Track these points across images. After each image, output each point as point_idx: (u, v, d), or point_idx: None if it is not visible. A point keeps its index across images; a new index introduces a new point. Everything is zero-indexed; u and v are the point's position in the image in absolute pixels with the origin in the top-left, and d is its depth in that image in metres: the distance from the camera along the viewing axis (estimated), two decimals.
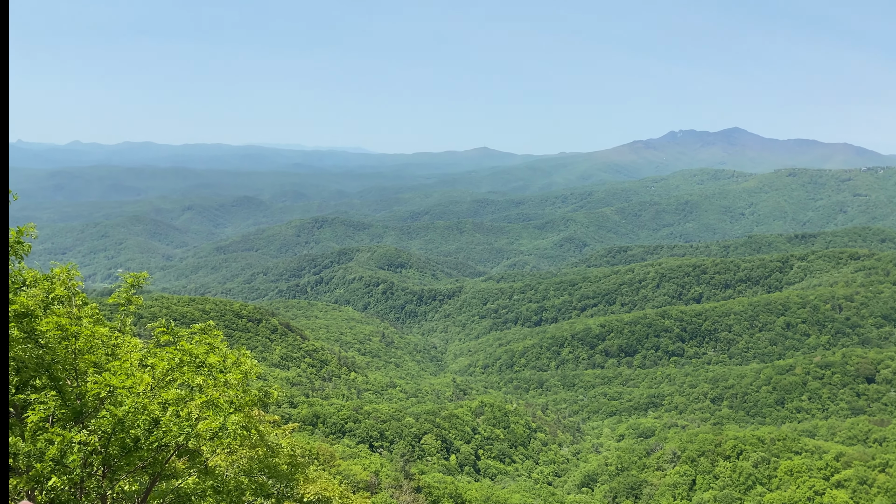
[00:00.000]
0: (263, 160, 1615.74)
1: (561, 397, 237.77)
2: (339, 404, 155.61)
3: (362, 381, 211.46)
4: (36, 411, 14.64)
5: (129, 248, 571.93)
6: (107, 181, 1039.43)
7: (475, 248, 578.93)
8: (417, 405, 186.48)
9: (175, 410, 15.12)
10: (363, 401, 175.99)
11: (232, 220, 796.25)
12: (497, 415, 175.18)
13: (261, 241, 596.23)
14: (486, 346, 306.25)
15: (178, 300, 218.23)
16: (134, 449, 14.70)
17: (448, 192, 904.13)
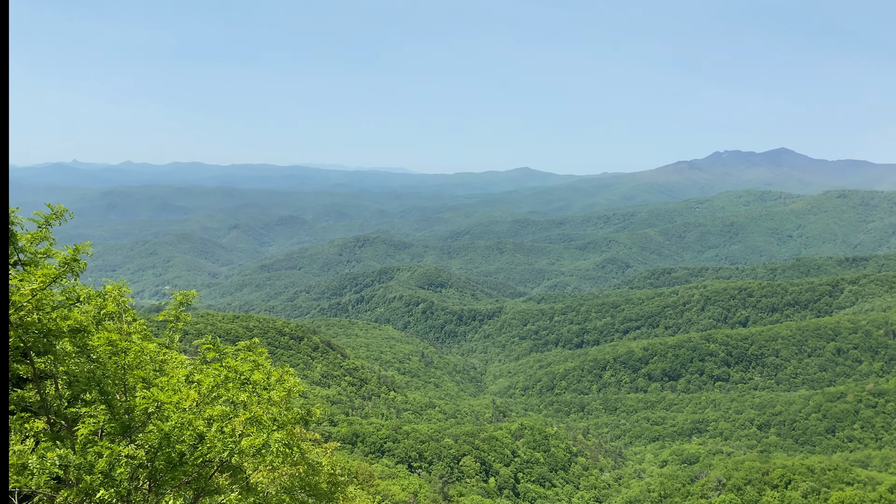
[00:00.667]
0: (307, 180, 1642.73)
1: (602, 421, 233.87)
2: (378, 423, 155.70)
3: (402, 401, 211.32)
4: (86, 424, 15.00)
5: (177, 265, 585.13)
6: (157, 200, 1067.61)
7: (515, 268, 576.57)
8: (456, 426, 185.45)
9: (220, 426, 15.33)
10: (402, 420, 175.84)
11: (276, 238, 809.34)
12: (537, 438, 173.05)
13: (304, 259, 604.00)
14: (527, 367, 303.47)
15: (222, 317, 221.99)
16: (179, 464, 14.93)
17: (488, 212, 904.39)
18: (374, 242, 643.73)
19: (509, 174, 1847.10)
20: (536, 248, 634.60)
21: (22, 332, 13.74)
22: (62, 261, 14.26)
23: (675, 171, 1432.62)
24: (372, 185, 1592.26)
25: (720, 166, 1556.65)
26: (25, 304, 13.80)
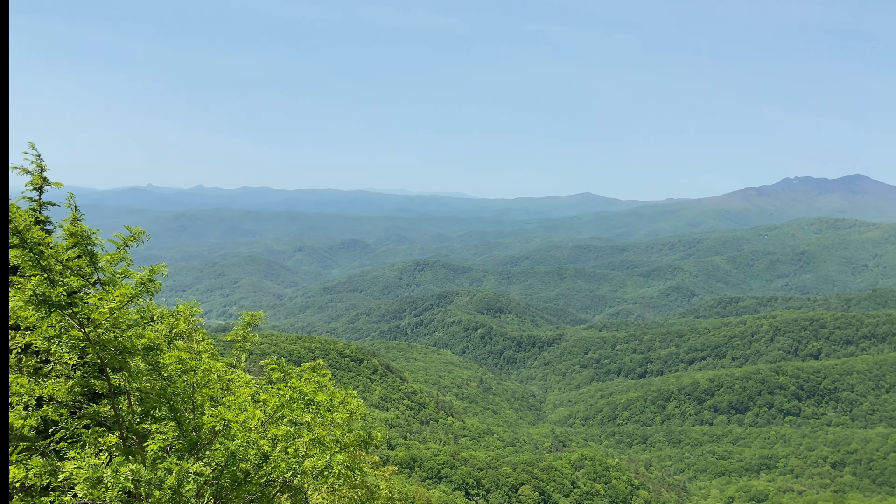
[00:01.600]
0: (370, 205, 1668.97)
1: (666, 454, 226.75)
2: (436, 449, 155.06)
3: (459, 427, 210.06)
4: (156, 440, 15.42)
5: (244, 286, 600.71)
6: (226, 223, 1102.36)
7: (576, 294, 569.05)
8: (515, 454, 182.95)
9: (284, 447, 15.52)
10: (460, 447, 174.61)
11: (339, 261, 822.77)
12: (598, 469, 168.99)
13: (365, 282, 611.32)
14: (587, 396, 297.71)
15: (286, 338, 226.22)
16: (244, 482, 15.16)
17: (549, 238, 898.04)
18: (433, 266, 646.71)
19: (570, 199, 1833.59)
20: (598, 275, 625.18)
21: (99, 349, 14.27)
22: (139, 281, 14.81)
23: (743, 197, 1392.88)
24: (432, 209, 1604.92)
25: (790, 193, 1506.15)
26: (104, 322, 14.34)
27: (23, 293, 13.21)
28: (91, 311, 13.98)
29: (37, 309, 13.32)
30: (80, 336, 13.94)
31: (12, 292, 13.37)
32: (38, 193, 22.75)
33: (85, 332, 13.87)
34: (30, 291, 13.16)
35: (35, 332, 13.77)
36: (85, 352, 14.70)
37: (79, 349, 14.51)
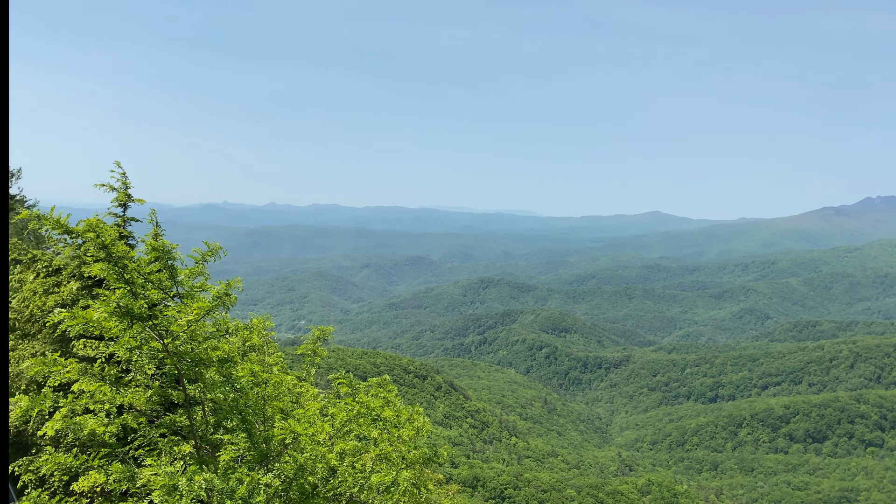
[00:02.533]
0: (435, 222, 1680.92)
1: (738, 482, 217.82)
2: (499, 468, 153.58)
3: (523, 447, 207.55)
4: (228, 451, 15.77)
5: (312, 301, 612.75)
6: (297, 239, 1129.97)
7: (644, 315, 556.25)
8: (580, 477, 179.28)
9: (351, 461, 15.64)
10: (523, 467, 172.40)
11: (404, 278, 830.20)
12: (665, 495, 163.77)
13: (429, 299, 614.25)
14: (655, 420, 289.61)
15: (352, 352, 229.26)
16: (311, 495, 15.32)
17: (616, 257, 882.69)
18: (498, 284, 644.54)
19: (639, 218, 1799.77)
20: (667, 296, 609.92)
21: (177, 360, 14.73)
22: (216, 295, 15.25)
23: (821, 217, 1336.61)
24: (497, 227, 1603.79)
25: (872, 213, 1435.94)
26: (181, 334, 14.81)
27: (107, 305, 13.78)
28: (170, 324, 14.46)
29: (120, 320, 13.86)
30: (160, 347, 14.43)
31: (98, 304, 13.96)
32: (122, 210, 23.84)
33: (164, 344, 14.36)
34: (114, 303, 13.72)
35: (118, 343, 14.32)
36: (163, 363, 15.20)
37: (157, 360, 15.01)
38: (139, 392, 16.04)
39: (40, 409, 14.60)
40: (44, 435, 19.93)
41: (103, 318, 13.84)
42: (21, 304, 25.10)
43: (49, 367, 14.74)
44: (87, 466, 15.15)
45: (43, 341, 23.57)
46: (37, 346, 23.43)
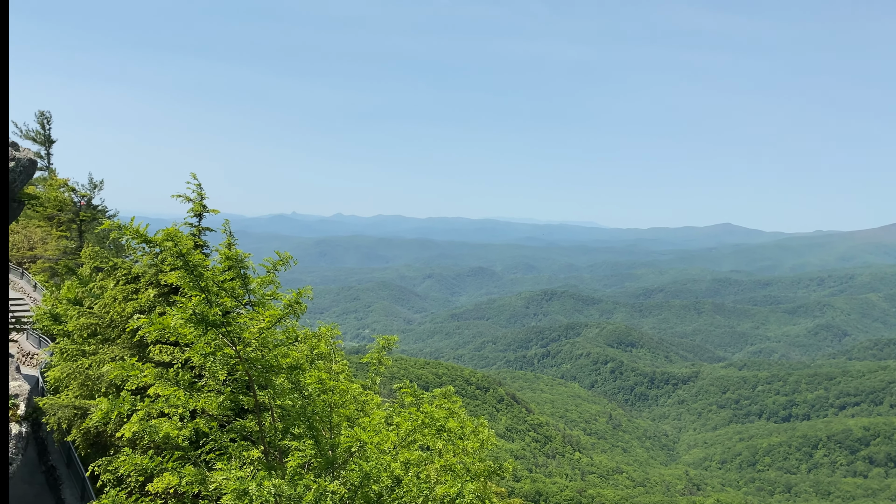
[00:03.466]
0: (498, 233, 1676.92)
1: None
2: (562, 484, 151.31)
3: (587, 463, 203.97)
4: (295, 457, 16.02)
5: (376, 311, 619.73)
6: (362, 249, 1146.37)
7: (714, 330, 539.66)
8: (645, 495, 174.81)
9: (416, 472, 15.64)
10: (587, 483, 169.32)
11: (466, 288, 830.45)
12: None
13: (491, 310, 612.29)
14: (725, 438, 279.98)
15: (414, 362, 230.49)
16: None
17: (685, 270, 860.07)
18: (561, 296, 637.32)
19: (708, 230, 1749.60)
20: (738, 310, 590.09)
21: (248, 367, 15.06)
22: (286, 303, 15.54)
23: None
24: (561, 238, 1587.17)
25: None
26: (253, 342, 15.14)
27: (184, 312, 14.21)
28: (242, 331, 14.81)
29: (195, 327, 14.27)
30: (232, 353, 14.78)
31: (175, 311, 14.42)
32: (197, 220, 24.65)
33: (236, 350, 14.70)
34: (190, 311, 14.14)
35: (193, 349, 14.73)
36: (235, 369, 15.57)
37: (229, 366, 15.38)
38: (211, 397, 16.45)
39: (119, 411, 15.15)
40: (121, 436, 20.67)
41: (179, 325, 14.28)
42: (102, 310, 26.22)
43: (128, 371, 15.29)
44: (161, 468, 15.61)
45: (122, 346, 24.54)
46: (116, 350, 24.40)
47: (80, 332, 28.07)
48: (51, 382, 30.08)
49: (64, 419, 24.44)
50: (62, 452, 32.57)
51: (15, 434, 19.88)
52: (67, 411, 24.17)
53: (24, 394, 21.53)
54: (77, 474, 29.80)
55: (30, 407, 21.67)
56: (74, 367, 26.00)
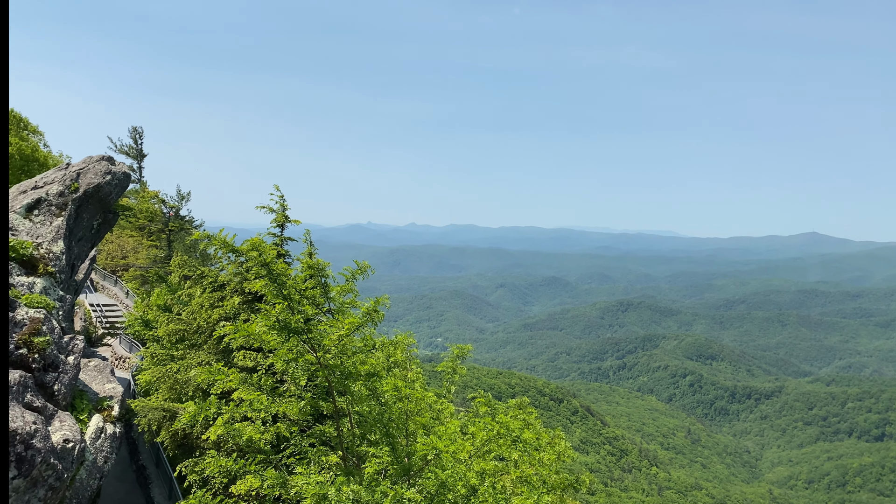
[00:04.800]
0: (572, 242, 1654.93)
1: None
2: (638, 499, 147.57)
3: (664, 478, 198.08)
4: (372, 464, 16.24)
5: (448, 319, 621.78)
6: (434, 258, 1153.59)
7: (799, 344, 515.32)
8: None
9: (492, 482, 15.59)
10: (664, 499, 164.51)
11: (539, 298, 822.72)
12: None
13: (565, 321, 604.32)
14: (811, 457, 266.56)
15: (487, 372, 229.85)
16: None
17: (768, 281, 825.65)
18: (638, 307, 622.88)
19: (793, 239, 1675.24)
20: (826, 323, 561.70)
21: (328, 373, 15.40)
22: (365, 311, 15.83)
23: None
24: (638, 248, 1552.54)
25: None
26: (332, 348, 15.48)
27: (268, 319, 14.68)
28: (322, 338, 15.16)
29: (278, 333, 14.72)
30: (313, 360, 15.15)
31: (259, 318, 14.92)
32: (280, 230, 25.41)
33: (317, 357, 15.05)
34: (274, 318, 14.60)
35: (275, 355, 15.18)
36: (315, 375, 15.95)
37: (310, 372, 15.77)
38: (292, 402, 16.90)
39: (206, 414, 15.75)
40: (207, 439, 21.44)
41: (263, 331, 14.75)
42: (189, 317, 27.35)
43: (214, 376, 15.89)
44: (244, 471, 16.12)
45: (208, 351, 25.51)
46: (202, 355, 25.38)
47: (169, 338, 29.36)
48: (141, 385, 31.55)
49: (154, 421, 25.59)
50: (152, 453, 34.08)
51: (109, 434, 20.93)
52: (157, 413, 25.30)
53: (117, 396, 22.65)
54: (165, 474, 31.10)
55: (123, 409, 22.78)
56: (164, 371, 27.20)
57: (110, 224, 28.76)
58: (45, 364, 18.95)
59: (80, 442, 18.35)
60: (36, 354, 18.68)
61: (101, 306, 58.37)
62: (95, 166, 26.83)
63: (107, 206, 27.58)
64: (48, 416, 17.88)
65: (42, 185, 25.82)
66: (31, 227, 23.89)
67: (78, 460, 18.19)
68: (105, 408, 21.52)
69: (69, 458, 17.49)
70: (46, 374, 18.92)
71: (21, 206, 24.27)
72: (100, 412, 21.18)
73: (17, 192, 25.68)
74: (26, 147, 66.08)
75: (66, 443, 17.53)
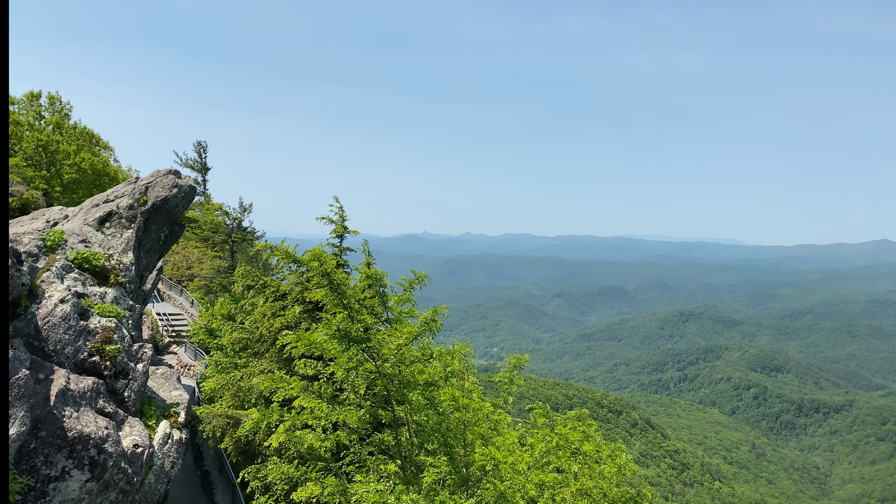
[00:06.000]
0: (630, 251, 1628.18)
1: None
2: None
3: (728, 493, 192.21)
4: (430, 473, 16.25)
5: (504, 329, 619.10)
6: (490, 268, 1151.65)
7: (871, 356, 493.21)
8: None
9: (551, 494, 15.39)
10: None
11: (597, 308, 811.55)
12: None
13: (623, 331, 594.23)
14: (886, 474, 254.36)
15: (543, 382, 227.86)
16: None
17: (836, 290, 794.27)
18: (699, 317, 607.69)
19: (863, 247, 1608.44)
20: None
21: (387, 382, 15.52)
22: (423, 321, 15.90)
23: None
24: (699, 256, 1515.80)
25: None
26: (391, 357, 15.59)
27: (328, 328, 14.90)
28: (381, 347, 15.30)
29: (339, 342, 14.92)
30: (372, 369, 15.29)
31: (321, 326, 15.16)
32: (339, 240, 25.82)
33: (376, 366, 15.19)
34: (335, 327, 14.80)
35: (336, 363, 15.39)
36: (374, 384, 16.09)
37: (369, 381, 15.91)
38: (352, 410, 17.07)
39: (268, 421, 16.05)
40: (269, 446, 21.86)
41: (324, 340, 14.98)
42: (252, 326, 27.99)
43: (276, 384, 16.20)
44: (305, 478, 16.35)
45: (270, 359, 26.04)
46: (265, 363, 25.92)
47: (232, 346, 30.10)
48: (206, 392, 32.41)
49: (218, 427, 26.23)
50: (215, 459, 34.94)
51: (176, 440, 21.55)
52: (221, 420, 25.92)
53: (183, 403, 23.33)
54: (228, 480, 31.83)
55: (188, 415, 23.44)
56: (227, 378, 27.88)
57: (176, 236, 29.71)
58: (115, 371, 19.66)
59: (149, 447, 18.95)
60: (107, 362, 19.41)
61: (168, 315, 60.28)
62: (163, 180, 27.80)
63: (173, 218, 28.52)
64: (119, 421, 18.53)
65: (113, 199, 26.89)
66: (103, 239, 24.88)
67: (147, 465, 18.79)
68: (172, 414, 22.18)
69: (139, 462, 18.08)
70: (117, 380, 19.62)
71: (94, 219, 25.31)
72: (167, 418, 21.85)
73: (90, 206, 26.82)
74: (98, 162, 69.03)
75: (136, 448, 18.13)
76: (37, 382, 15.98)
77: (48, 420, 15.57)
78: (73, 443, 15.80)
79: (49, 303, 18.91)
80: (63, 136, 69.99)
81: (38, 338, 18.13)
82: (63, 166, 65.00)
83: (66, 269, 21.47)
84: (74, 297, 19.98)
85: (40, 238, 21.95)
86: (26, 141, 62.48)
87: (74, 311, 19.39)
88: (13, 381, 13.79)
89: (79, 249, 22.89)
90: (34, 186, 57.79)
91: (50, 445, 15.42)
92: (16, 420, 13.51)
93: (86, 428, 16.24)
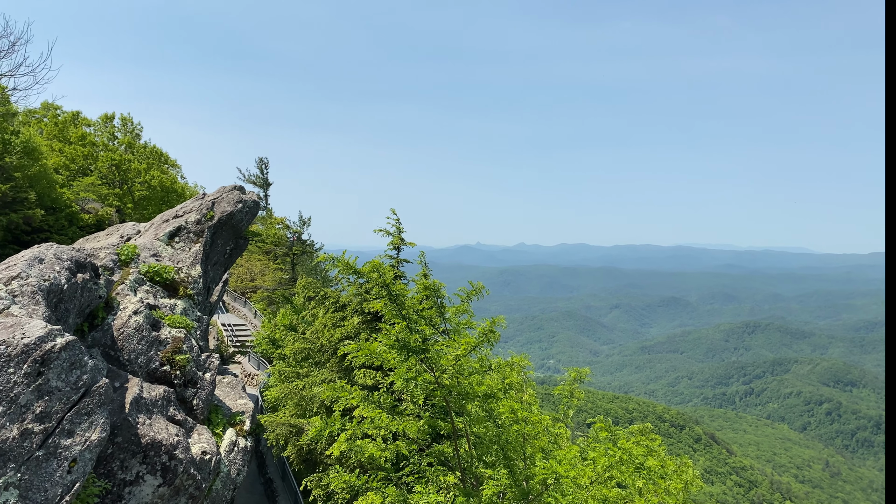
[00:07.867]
0: (691, 260, 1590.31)
1: None
2: None
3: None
4: (489, 485, 16.22)
5: (560, 341, 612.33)
6: (545, 279, 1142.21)
7: None
8: None
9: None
10: None
11: (657, 320, 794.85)
12: None
13: (686, 343, 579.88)
14: None
15: (602, 396, 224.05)
16: None
17: None
18: (766, 329, 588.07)
19: None
20: None
21: (446, 393, 15.60)
22: (481, 331, 15.94)
23: None
24: (765, 265, 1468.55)
25: None
26: (449, 368, 15.68)
27: (388, 338, 15.11)
28: (439, 358, 15.40)
29: (398, 353, 15.10)
30: (431, 379, 15.41)
31: (381, 337, 15.38)
32: (396, 252, 26.14)
33: (435, 377, 15.30)
34: (394, 337, 15.00)
35: (395, 374, 15.57)
36: (432, 394, 16.19)
37: (427, 391, 16.02)
38: (411, 421, 17.21)
39: (330, 430, 16.33)
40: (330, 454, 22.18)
41: (384, 351, 15.19)
42: (313, 336, 28.55)
43: (337, 393, 16.48)
44: (367, 487, 16.55)
45: (331, 369, 26.50)
46: (326, 373, 26.40)
47: (294, 356, 30.76)
48: (269, 401, 33.14)
49: (281, 436, 26.80)
50: (278, 466, 35.65)
51: (241, 447, 22.10)
52: (284, 429, 26.48)
53: (248, 411, 23.93)
54: (290, 487, 32.41)
55: (253, 424, 24.03)
56: (290, 388, 28.48)
57: (241, 249, 30.60)
58: (185, 380, 20.36)
59: (217, 454, 19.51)
60: (178, 371, 20.12)
61: (232, 326, 61.95)
62: (228, 196, 28.72)
63: (238, 232, 29.40)
64: (188, 429, 19.16)
65: (182, 214, 27.93)
66: (173, 253, 25.84)
67: (214, 471, 19.35)
68: (237, 422, 22.79)
69: (207, 469, 18.64)
70: (186, 389, 20.31)
71: (164, 234, 26.34)
72: (233, 426, 22.46)
73: (160, 221, 27.91)
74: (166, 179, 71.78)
75: (205, 454, 18.70)
76: (113, 391, 16.69)
77: (123, 427, 16.24)
78: (147, 449, 16.43)
79: (123, 314, 19.76)
80: (134, 156, 73.14)
81: (114, 347, 18.96)
82: (134, 184, 67.88)
83: (139, 282, 22.40)
84: (147, 308, 20.82)
85: (115, 252, 22.96)
86: (101, 161, 65.54)
87: (147, 322, 20.20)
88: (94, 389, 14.45)
89: (150, 263, 23.86)
90: (108, 204, 60.49)
91: (125, 451, 16.07)
92: (97, 426, 14.15)
93: (158, 435, 16.86)
